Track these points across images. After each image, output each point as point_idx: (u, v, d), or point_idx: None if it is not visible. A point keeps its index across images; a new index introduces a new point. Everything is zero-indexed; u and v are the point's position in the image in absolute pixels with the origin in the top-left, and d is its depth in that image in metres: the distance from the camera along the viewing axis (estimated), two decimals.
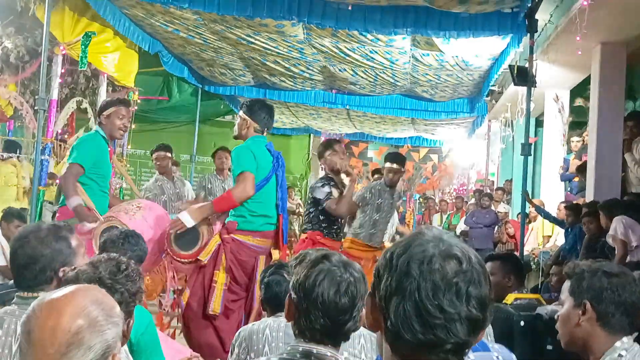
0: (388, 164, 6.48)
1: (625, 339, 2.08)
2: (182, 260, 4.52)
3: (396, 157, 6.70)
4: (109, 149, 4.78)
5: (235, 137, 4.84)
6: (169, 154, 7.45)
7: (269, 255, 4.73)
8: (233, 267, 4.55)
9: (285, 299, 1.95)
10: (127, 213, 4.36)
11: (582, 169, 8.12)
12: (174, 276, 4.67)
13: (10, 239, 6.37)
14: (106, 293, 1.52)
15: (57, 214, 4.76)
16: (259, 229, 4.61)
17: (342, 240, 6.15)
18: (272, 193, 4.68)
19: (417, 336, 1.15)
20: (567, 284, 2.17)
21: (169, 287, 4.63)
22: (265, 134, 4.82)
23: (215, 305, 4.46)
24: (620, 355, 2.04)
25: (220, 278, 4.49)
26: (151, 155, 7.71)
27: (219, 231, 4.59)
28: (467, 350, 1.20)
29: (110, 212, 4.43)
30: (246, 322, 4.34)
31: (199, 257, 4.49)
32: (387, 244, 6.46)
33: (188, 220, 4.39)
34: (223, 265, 4.52)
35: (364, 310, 1.91)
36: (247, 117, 4.70)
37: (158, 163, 7.39)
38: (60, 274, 2.19)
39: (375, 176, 7.97)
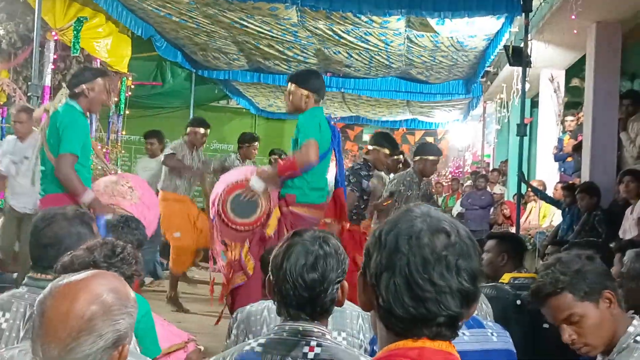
0: (431, 157, 6.38)
1: (636, 321, 2.05)
2: (238, 227, 4.50)
3: (432, 149, 6.71)
4: None
5: (292, 112, 4.72)
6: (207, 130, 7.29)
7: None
8: None
9: None
10: (125, 198, 4.32)
11: (578, 148, 8.13)
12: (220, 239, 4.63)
13: None
14: (124, 281, 1.51)
15: (38, 203, 4.45)
16: (315, 201, 4.62)
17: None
18: (327, 166, 4.72)
19: (409, 310, 1.15)
20: (570, 298, 2.04)
21: (219, 250, 4.59)
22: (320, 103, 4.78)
23: None
24: (636, 341, 2.00)
25: None
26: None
27: (278, 204, 4.57)
28: (460, 324, 1.20)
29: (107, 197, 4.35)
30: None
31: (265, 231, 4.47)
32: None
33: (259, 184, 4.45)
34: None
35: (345, 284, 1.91)
36: (305, 90, 4.58)
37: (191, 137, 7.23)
38: None
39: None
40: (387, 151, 5.87)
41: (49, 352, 1.36)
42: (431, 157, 6.39)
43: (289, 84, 4.71)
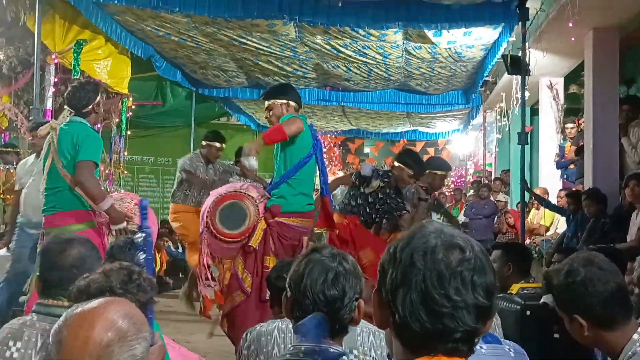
0: (440, 172, 6.29)
1: None
2: (227, 239, 4.48)
3: (441, 163, 6.57)
4: None
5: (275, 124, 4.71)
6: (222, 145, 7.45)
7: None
8: (281, 252, 4.50)
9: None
10: (136, 214, 4.32)
11: (580, 151, 8.12)
12: (209, 254, 4.64)
13: None
14: (136, 307, 1.52)
15: (43, 221, 4.32)
16: (301, 209, 4.60)
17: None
18: (312, 173, 4.70)
19: (425, 326, 1.15)
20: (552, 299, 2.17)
21: (205, 264, 4.59)
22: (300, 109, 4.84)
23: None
24: None
25: (272, 263, 4.41)
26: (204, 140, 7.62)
27: (264, 215, 4.54)
28: (476, 339, 1.20)
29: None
30: None
31: (250, 244, 4.45)
32: None
33: (252, 161, 4.47)
34: (273, 250, 4.49)
35: (362, 302, 1.91)
36: (283, 100, 4.68)
37: (206, 151, 7.39)
38: None
39: None
40: (410, 172, 5.70)
41: None
42: (440, 172, 6.33)
43: (266, 101, 4.79)
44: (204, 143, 7.45)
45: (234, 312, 4.54)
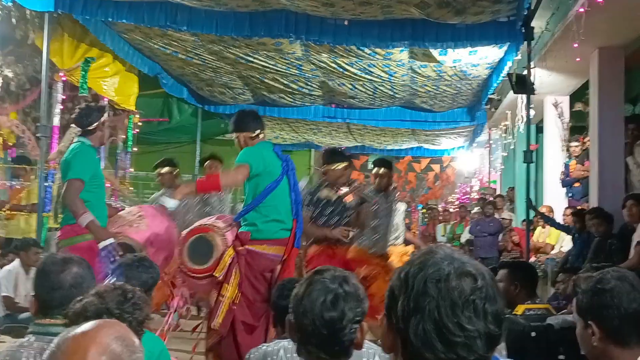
0: (375, 170, 6.16)
1: None
2: (198, 275, 4.32)
3: (382, 162, 6.39)
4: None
5: None
6: (172, 169, 7.14)
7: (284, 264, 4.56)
8: (254, 280, 4.36)
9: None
10: (132, 226, 4.32)
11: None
12: (183, 296, 4.59)
13: (31, 267, 6.32)
14: (127, 328, 1.53)
15: (58, 234, 4.58)
16: (273, 236, 4.43)
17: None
18: (284, 197, 4.50)
19: (439, 355, 1.15)
20: (574, 303, 2.15)
21: (174, 306, 4.54)
22: (263, 134, 4.73)
23: (218, 320, 4.25)
24: None
25: (229, 292, 4.29)
26: (154, 170, 7.37)
27: (232, 243, 4.36)
28: None
29: (116, 227, 4.38)
30: (265, 338, 4.20)
31: (213, 274, 4.28)
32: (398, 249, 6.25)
33: (168, 201, 4.44)
34: (235, 279, 4.31)
35: (365, 325, 1.91)
36: (242, 132, 4.62)
37: (159, 178, 7.15)
38: None
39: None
40: (340, 165, 5.60)
41: None
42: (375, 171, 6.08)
43: (232, 132, 4.76)
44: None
45: (217, 347, 4.43)
